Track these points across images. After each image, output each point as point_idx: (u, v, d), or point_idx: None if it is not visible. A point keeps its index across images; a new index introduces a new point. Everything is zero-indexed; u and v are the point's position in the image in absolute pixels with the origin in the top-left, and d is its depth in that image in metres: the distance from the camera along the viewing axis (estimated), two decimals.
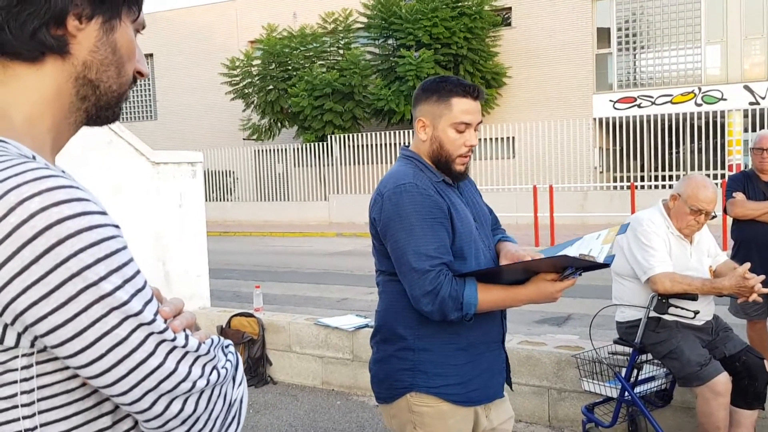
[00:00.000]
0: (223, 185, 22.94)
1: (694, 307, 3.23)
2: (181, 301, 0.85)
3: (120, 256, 0.74)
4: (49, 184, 0.72)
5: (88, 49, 0.84)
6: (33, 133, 0.83)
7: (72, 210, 0.71)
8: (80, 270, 0.71)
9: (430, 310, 1.93)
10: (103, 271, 0.72)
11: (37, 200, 0.70)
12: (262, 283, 7.54)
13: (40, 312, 0.71)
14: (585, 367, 3.72)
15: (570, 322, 7.06)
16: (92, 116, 0.90)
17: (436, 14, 19.37)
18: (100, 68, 0.86)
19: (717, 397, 3.11)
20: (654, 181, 17.99)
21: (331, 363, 4.96)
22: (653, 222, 3.32)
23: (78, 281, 0.71)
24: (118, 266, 0.74)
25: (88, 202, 0.74)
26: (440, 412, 2.04)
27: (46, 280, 0.70)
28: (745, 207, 4.35)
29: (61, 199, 0.71)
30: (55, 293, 0.70)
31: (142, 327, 0.75)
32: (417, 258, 1.92)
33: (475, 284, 1.94)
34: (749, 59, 19.13)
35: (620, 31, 20.43)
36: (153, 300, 0.78)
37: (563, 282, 1.95)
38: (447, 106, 2.01)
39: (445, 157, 2.04)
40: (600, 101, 20.24)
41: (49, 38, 0.80)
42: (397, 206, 1.96)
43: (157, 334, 0.76)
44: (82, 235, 0.71)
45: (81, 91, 0.86)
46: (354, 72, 19.91)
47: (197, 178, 5.73)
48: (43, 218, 0.70)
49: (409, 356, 2.04)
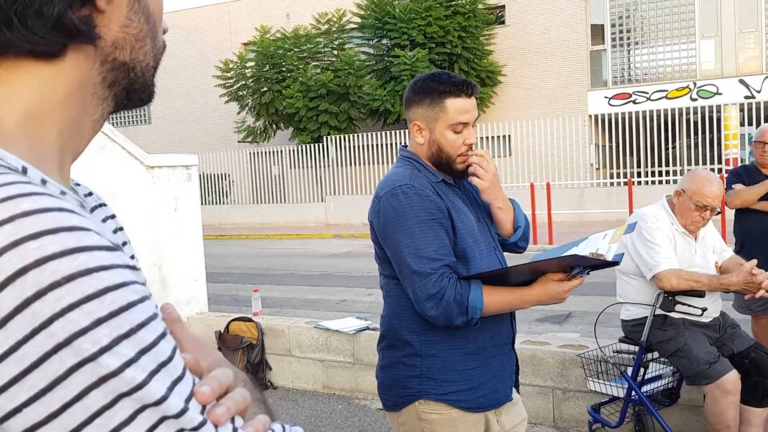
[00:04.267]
0: (218, 188, 22.86)
1: (701, 304, 3.18)
2: (229, 373, 0.59)
3: (133, 314, 0.50)
4: (27, 206, 0.49)
5: (120, 24, 0.62)
6: (33, 137, 0.59)
7: (59, 245, 0.48)
8: (70, 337, 0.48)
9: (434, 315, 1.86)
10: (105, 339, 0.48)
11: (6, 229, 0.48)
12: (260, 286, 7.47)
13: (11, 403, 0.47)
14: (590, 367, 3.67)
15: (571, 320, 7.01)
16: (123, 102, 0.66)
17: (430, 13, 19.35)
18: (135, 45, 0.63)
19: (727, 396, 3.05)
20: (651, 176, 17.99)
21: (332, 367, 4.90)
22: (657, 218, 3.27)
23: (66, 354, 0.47)
24: (129, 329, 0.50)
25: (86, 231, 0.51)
26: (450, 419, 1.98)
27: (18, 353, 0.47)
28: (743, 194, 4.32)
29: (43, 228, 0.48)
30: (32, 374, 0.47)
31: (167, 422, 0.50)
32: (418, 261, 1.86)
33: (480, 287, 1.88)
34: (744, 53, 19.13)
35: (614, 27, 20.42)
36: (185, 377, 0.53)
37: (571, 282, 1.90)
38: (442, 109, 1.95)
39: (446, 159, 1.99)
40: (595, 98, 20.23)
41: (76, 22, 0.57)
42: (394, 209, 1.91)
43: (189, 431, 0.52)
44: (74, 282, 0.48)
45: (109, 77, 0.63)
46: (349, 72, 19.86)
47: (192, 181, 5.66)
48: (15, 257, 0.47)
49: (417, 363, 1.98)
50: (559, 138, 18.74)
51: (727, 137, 16.98)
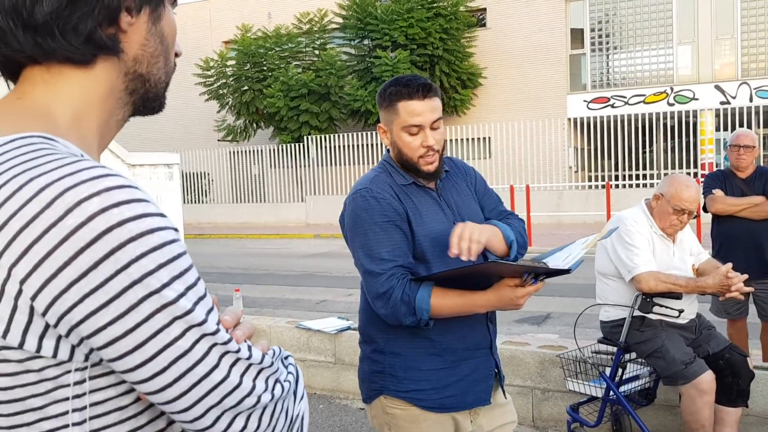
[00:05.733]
0: (198, 187, 22.71)
1: (678, 305, 3.24)
2: (240, 310, 0.80)
3: (181, 261, 0.69)
4: (108, 184, 0.66)
5: (139, 43, 0.80)
6: (80, 133, 0.77)
7: (132, 211, 0.66)
8: (142, 276, 0.65)
9: (384, 314, 1.92)
10: (165, 278, 0.66)
11: (95, 201, 0.65)
12: (240, 285, 7.44)
13: (99, 322, 0.65)
14: (569, 367, 3.72)
15: (549, 321, 7.08)
16: (139, 108, 0.85)
17: (412, 15, 19.40)
18: (151, 61, 0.82)
19: (702, 395, 3.12)
20: (628, 180, 18.20)
21: (313, 366, 4.90)
22: (636, 221, 3.33)
23: (139, 289, 0.65)
24: (180, 272, 0.68)
25: (148, 203, 0.68)
26: (412, 416, 2.02)
27: (106, 287, 0.64)
28: (726, 202, 4.39)
29: (121, 199, 0.66)
30: (114, 302, 0.65)
31: (206, 337, 0.69)
32: (370, 261, 1.92)
33: (429, 289, 1.89)
34: (720, 59, 19.45)
35: (593, 31, 20.63)
36: (214, 309, 0.72)
37: (525, 288, 1.87)
38: (395, 112, 1.99)
39: (408, 161, 2.01)
40: (574, 101, 20.42)
41: (105, 39, 0.75)
42: (353, 212, 1.97)
43: (220, 345, 0.71)
44: (144, 238, 0.66)
45: (130, 86, 0.82)
46: (330, 72, 19.84)
47: (174, 180, 5.64)
48: (103, 220, 0.64)
49: (380, 359, 2.04)
50: (538, 141, 18.90)
51: (702, 142, 17.21)
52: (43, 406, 0.68)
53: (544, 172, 18.76)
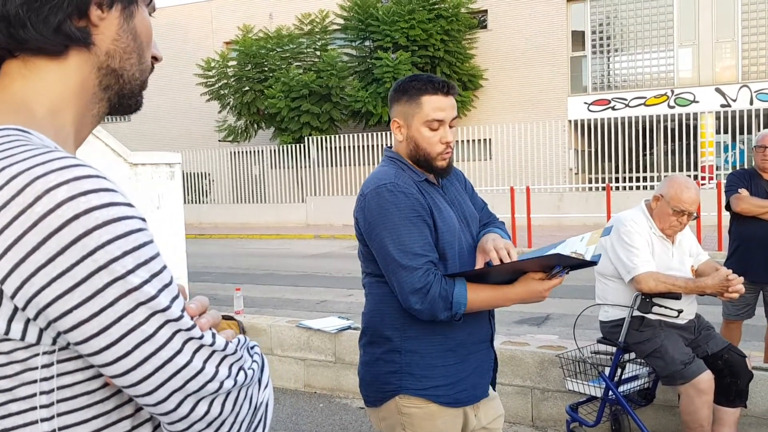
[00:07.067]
0: (198, 187, 22.72)
1: (677, 306, 3.26)
2: (206, 300, 0.82)
3: (147, 250, 0.72)
4: (77, 173, 0.69)
5: (111, 38, 0.83)
6: (56, 126, 0.80)
7: (100, 200, 0.69)
8: (107, 262, 0.68)
9: (420, 309, 1.91)
10: (130, 264, 0.69)
11: (64, 189, 0.67)
12: (240, 285, 7.46)
13: (65, 306, 0.68)
14: (569, 367, 3.74)
15: (549, 322, 7.10)
16: (115, 105, 0.88)
17: (413, 16, 19.42)
18: (123, 56, 0.85)
19: (701, 395, 3.13)
20: (629, 182, 18.21)
21: (314, 365, 4.92)
22: (636, 222, 3.35)
23: (105, 274, 0.68)
24: (145, 260, 0.71)
25: (115, 192, 0.71)
26: (429, 413, 2.03)
27: (72, 272, 0.67)
28: (751, 203, 4.25)
29: (89, 188, 0.69)
30: (80, 286, 0.67)
31: (170, 323, 0.72)
32: (404, 256, 1.90)
33: (465, 284, 1.93)
34: (720, 62, 19.47)
35: (594, 34, 20.66)
36: (179, 296, 0.75)
37: (551, 281, 1.96)
38: (418, 105, 2.01)
39: (424, 156, 2.03)
40: (575, 103, 20.44)
41: (74, 30, 0.79)
42: (380, 206, 1.95)
43: (184, 331, 0.73)
44: (110, 226, 0.68)
45: (104, 81, 0.84)
46: (331, 73, 19.86)
47: (175, 179, 5.66)
48: (71, 208, 0.67)
49: (396, 358, 2.03)
50: (538, 142, 18.92)
51: (703, 144, 17.26)
52: (11, 387, 0.71)
53: (544, 173, 18.77)
